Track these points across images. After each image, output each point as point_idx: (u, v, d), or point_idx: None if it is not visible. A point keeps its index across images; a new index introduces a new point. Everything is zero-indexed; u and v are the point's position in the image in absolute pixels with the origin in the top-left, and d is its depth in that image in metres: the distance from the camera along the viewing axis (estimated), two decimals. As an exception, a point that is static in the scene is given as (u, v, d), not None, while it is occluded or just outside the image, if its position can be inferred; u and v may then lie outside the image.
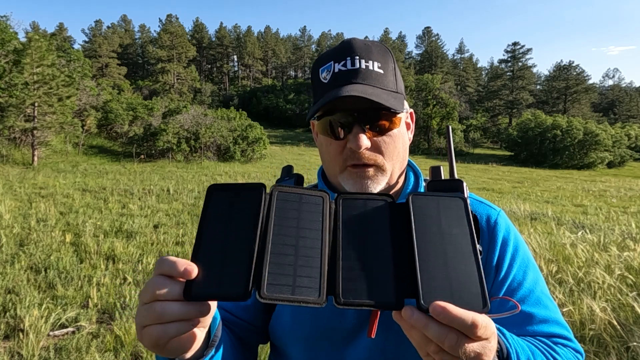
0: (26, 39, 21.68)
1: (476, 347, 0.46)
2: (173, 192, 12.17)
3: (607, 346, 2.86)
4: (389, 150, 0.73)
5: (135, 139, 26.31)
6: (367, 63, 0.72)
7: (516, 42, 67.46)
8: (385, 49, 0.76)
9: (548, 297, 0.75)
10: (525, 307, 0.72)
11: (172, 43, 67.67)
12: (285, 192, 0.53)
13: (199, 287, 0.46)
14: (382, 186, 0.75)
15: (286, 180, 0.85)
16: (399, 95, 0.75)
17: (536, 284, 0.75)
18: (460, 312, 0.44)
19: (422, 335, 0.46)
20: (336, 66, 0.73)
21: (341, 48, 0.74)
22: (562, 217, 9.18)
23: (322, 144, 0.78)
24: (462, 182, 0.72)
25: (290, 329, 0.77)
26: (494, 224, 0.79)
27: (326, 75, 0.74)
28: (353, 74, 0.71)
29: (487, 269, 0.76)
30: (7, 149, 21.59)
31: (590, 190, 17.96)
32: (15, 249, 5.75)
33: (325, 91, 0.73)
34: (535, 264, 0.80)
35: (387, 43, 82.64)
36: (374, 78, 0.72)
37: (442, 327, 0.45)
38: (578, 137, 38.43)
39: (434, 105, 46.99)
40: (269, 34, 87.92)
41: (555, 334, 0.71)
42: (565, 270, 4.18)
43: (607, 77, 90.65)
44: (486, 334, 0.46)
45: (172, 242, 6.53)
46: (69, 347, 3.20)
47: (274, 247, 0.48)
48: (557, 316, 0.74)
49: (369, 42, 0.76)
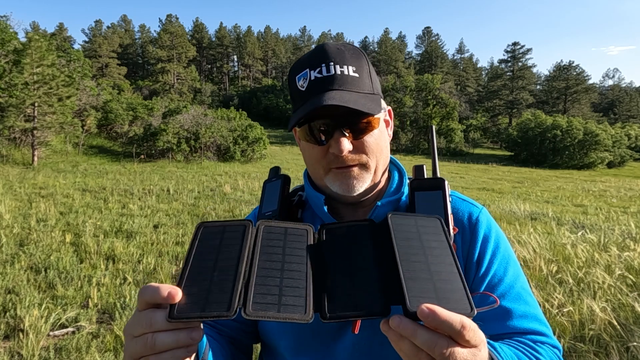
0: (26, 39, 21.67)
1: (467, 354, 0.45)
2: (173, 192, 12.17)
3: (607, 346, 2.86)
4: (371, 148, 0.75)
5: (135, 139, 26.31)
6: (342, 68, 0.73)
7: (516, 42, 67.49)
8: (358, 52, 0.77)
9: (528, 293, 0.77)
10: (505, 302, 0.73)
11: (172, 43, 67.66)
12: (272, 226, 0.56)
13: (182, 308, 0.46)
14: (367, 184, 0.77)
15: (273, 180, 0.86)
16: (375, 96, 0.76)
17: (516, 280, 0.77)
18: (448, 315, 0.44)
19: (411, 346, 0.46)
20: (312, 73, 0.74)
21: (315, 54, 0.75)
22: (562, 217, 9.18)
23: (305, 149, 0.80)
24: (444, 180, 0.75)
25: (278, 327, 0.79)
26: (476, 220, 0.80)
27: (303, 83, 0.75)
28: (329, 81, 0.72)
29: (468, 265, 0.77)
30: (7, 149, 21.59)
31: (590, 190, 17.96)
32: (15, 249, 5.75)
33: (304, 100, 0.74)
34: (517, 260, 0.81)
35: (387, 43, 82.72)
36: (349, 83, 0.73)
37: (431, 334, 0.44)
38: (578, 137, 38.42)
39: (434, 105, 46.98)
40: (269, 34, 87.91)
41: (533, 330, 0.72)
42: (565, 271, 4.18)
43: (607, 77, 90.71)
44: (475, 339, 0.46)
45: (172, 242, 6.53)
46: (69, 347, 3.20)
47: (260, 271, 0.50)
48: (536, 312, 0.75)
49: (342, 47, 0.77)
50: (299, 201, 0.89)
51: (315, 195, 0.83)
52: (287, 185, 0.86)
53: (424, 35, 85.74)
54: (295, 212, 0.87)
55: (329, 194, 0.81)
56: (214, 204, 10.18)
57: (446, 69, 79.84)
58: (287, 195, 0.86)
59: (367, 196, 0.81)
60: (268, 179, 0.89)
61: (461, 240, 0.79)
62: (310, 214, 0.87)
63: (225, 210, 9.39)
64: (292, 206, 0.87)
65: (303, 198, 0.90)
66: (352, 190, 0.75)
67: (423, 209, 0.73)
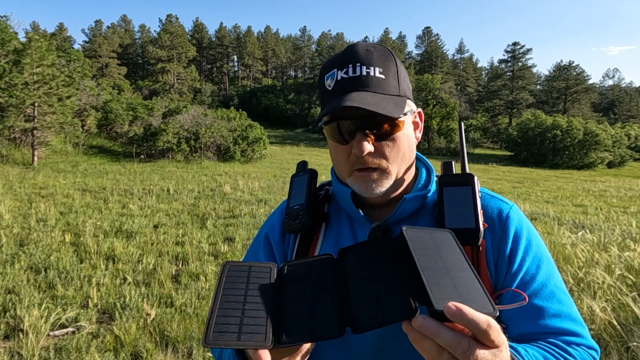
0: (26, 39, 21.65)
1: (488, 355, 0.46)
2: (173, 192, 12.17)
3: (607, 346, 2.86)
4: (393, 154, 0.76)
5: (135, 139, 26.29)
6: (368, 69, 0.74)
7: (516, 42, 67.43)
8: (387, 53, 0.78)
9: (563, 292, 0.75)
10: (538, 300, 0.72)
11: (172, 43, 67.63)
12: (235, 265, 0.61)
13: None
14: (386, 188, 0.77)
15: (301, 175, 0.90)
16: (401, 98, 0.76)
17: (549, 278, 0.75)
18: (475, 314, 0.44)
19: (433, 345, 0.46)
20: (339, 74, 0.75)
21: (344, 55, 0.77)
22: (562, 217, 9.18)
23: (331, 147, 0.82)
24: (473, 176, 0.74)
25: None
26: (506, 217, 0.79)
27: (330, 83, 0.77)
28: (354, 82, 0.74)
29: (500, 262, 0.76)
30: (7, 149, 21.59)
31: (590, 190, 17.96)
32: (15, 249, 5.75)
33: (330, 98, 0.76)
34: (551, 258, 0.80)
35: (387, 43, 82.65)
36: (374, 85, 0.74)
37: (454, 334, 0.45)
38: (578, 137, 38.41)
39: (434, 105, 46.96)
40: (269, 34, 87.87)
41: (566, 330, 0.70)
42: (565, 271, 4.18)
43: (607, 77, 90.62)
44: (498, 339, 0.46)
45: (172, 242, 6.53)
46: (69, 347, 3.20)
47: (221, 304, 0.55)
48: (570, 311, 0.73)
49: (371, 47, 0.77)
50: (325, 195, 0.91)
51: (341, 189, 0.84)
52: (314, 180, 0.89)
53: (424, 35, 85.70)
54: (322, 206, 0.89)
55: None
56: (214, 204, 10.18)
57: (446, 69, 79.76)
58: (314, 190, 0.88)
59: (393, 195, 0.81)
60: (296, 173, 0.92)
61: (491, 236, 0.77)
62: (337, 208, 0.88)
63: (225, 210, 9.39)
64: (318, 200, 0.89)
65: (330, 192, 0.92)
66: (371, 193, 0.77)
67: (451, 205, 0.73)
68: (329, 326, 0.52)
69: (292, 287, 0.58)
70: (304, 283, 0.59)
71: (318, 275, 0.59)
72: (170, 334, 3.46)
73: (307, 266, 0.62)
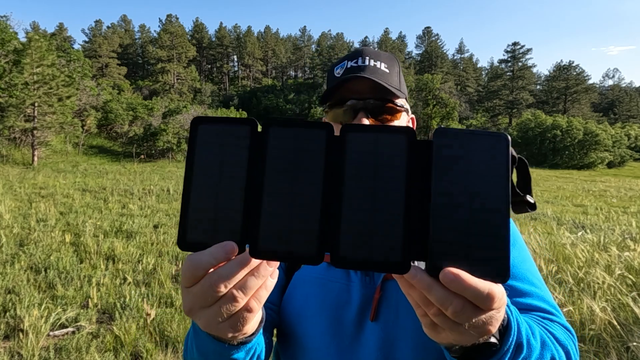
0: (26, 39, 21.69)
1: (484, 317, 0.41)
2: (173, 192, 12.17)
3: (607, 346, 2.86)
4: None
5: (135, 139, 26.32)
6: (375, 62, 0.84)
7: (516, 42, 67.50)
8: (393, 57, 0.89)
9: (535, 277, 0.76)
10: (510, 281, 0.72)
11: (172, 43, 67.63)
12: (209, 125, 0.43)
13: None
14: None
15: None
16: (401, 93, 0.85)
17: (522, 263, 0.77)
18: (475, 282, 0.38)
19: (422, 296, 0.41)
20: (349, 63, 0.86)
21: (354, 51, 0.88)
22: (562, 217, 9.18)
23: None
24: None
25: (302, 306, 0.79)
26: None
27: (339, 71, 0.86)
28: (362, 69, 0.83)
29: None
30: (7, 149, 21.60)
31: (590, 190, 17.95)
32: (15, 249, 5.75)
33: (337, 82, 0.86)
34: (526, 247, 0.83)
35: (387, 43, 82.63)
36: (380, 74, 0.83)
37: (448, 293, 0.39)
38: (578, 137, 38.43)
39: (434, 105, 46.99)
40: (269, 34, 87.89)
41: (540, 308, 0.69)
42: (565, 271, 4.18)
43: (607, 77, 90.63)
44: (499, 305, 0.41)
45: (172, 242, 6.53)
46: (69, 347, 3.20)
47: (195, 189, 0.42)
48: (544, 294, 0.73)
49: (379, 50, 0.90)
50: None
51: None
52: None
53: (424, 35, 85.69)
54: None
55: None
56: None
57: (446, 69, 79.76)
58: None
59: None
60: None
61: None
62: None
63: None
64: None
65: None
66: None
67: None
68: (305, 246, 0.40)
69: (272, 166, 0.41)
70: (286, 161, 0.42)
71: (307, 153, 0.42)
72: (170, 334, 3.46)
73: (294, 134, 0.42)
